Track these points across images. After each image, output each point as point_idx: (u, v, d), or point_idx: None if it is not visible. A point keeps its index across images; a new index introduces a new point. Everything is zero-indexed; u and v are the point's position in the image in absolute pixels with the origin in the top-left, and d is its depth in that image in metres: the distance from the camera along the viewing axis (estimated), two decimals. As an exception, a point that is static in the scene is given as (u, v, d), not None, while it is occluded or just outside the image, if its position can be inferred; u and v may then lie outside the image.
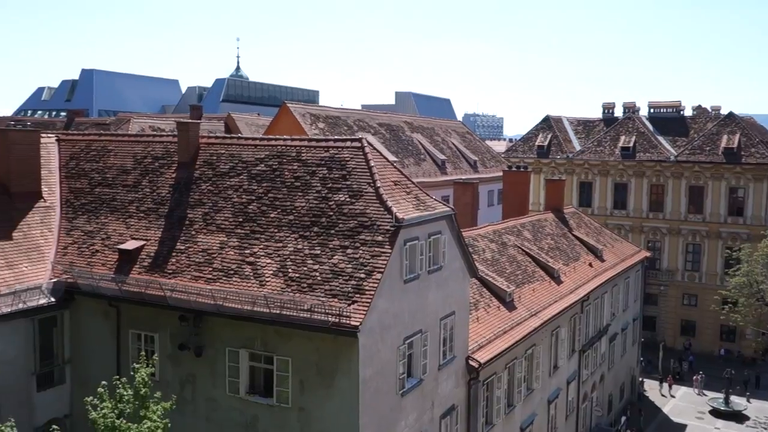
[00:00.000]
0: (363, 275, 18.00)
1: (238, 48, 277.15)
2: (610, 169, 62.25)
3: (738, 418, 44.73)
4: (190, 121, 26.66)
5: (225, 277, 19.54)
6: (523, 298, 29.24)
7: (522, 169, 44.67)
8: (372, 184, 19.91)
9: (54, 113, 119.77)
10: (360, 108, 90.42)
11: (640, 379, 49.47)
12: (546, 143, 66.23)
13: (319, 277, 18.41)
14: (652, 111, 66.39)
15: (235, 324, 18.88)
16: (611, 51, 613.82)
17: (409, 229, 19.16)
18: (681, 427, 43.53)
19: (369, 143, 21.63)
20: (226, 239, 20.59)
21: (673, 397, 48.77)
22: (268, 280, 18.95)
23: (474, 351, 23.70)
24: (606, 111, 69.40)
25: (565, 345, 32.60)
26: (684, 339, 58.80)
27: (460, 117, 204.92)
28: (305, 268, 18.75)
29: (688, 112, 65.30)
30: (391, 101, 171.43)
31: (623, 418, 42.20)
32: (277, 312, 17.98)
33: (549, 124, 68.55)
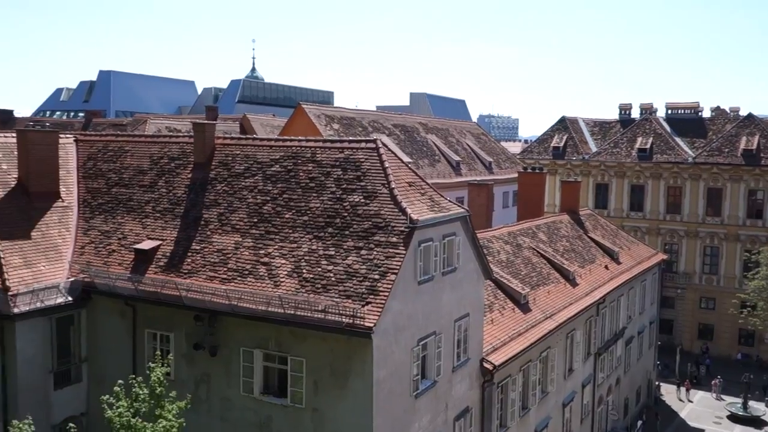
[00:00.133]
0: (377, 276, 18.00)
1: (253, 49, 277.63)
2: (626, 171, 61.81)
3: (756, 423, 44.19)
4: (206, 122, 26.78)
5: (240, 278, 19.63)
6: (538, 300, 29.10)
7: (537, 171, 44.45)
8: (386, 185, 19.90)
9: (72, 114, 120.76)
10: (375, 109, 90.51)
11: (657, 382, 49.04)
12: (562, 144, 65.87)
13: (333, 278, 18.43)
14: (669, 112, 65.78)
15: (250, 324, 18.96)
16: (628, 52, 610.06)
17: (423, 230, 19.13)
18: (698, 432, 43.14)
19: (383, 144, 21.65)
20: (241, 239, 20.68)
21: (691, 401, 48.26)
22: (282, 280, 19.00)
23: (488, 353, 23.61)
24: (623, 112, 68.89)
25: (581, 348, 32.39)
26: (701, 343, 58.21)
27: (475, 118, 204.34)
28: (319, 269, 18.79)
29: (707, 114, 64.59)
30: (406, 102, 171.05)
31: (639, 423, 41.86)
32: (292, 312, 18.03)
33: (565, 125, 68.15)
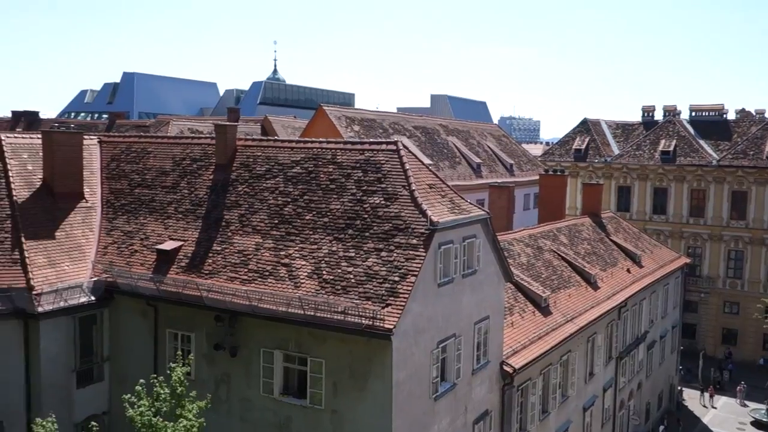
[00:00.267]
0: (397, 278, 17.98)
1: (275, 51, 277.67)
2: (649, 174, 61.18)
3: (781, 430, 43.51)
4: (228, 123, 26.98)
5: (260, 278, 19.72)
6: (559, 303, 28.89)
7: (559, 173, 44.04)
8: (407, 187, 19.89)
9: (96, 115, 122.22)
10: (395, 111, 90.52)
11: (679, 387, 48.47)
12: (583, 147, 65.39)
13: (353, 280, 18.45)
14: (693, 114, 64.97)
15: (270, 325, 19.03)
16: (652, 53, 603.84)
17: (443, 232, 19.09)
18: (721, 438, 42.56)
19: (404, 146, 21.63)
20: (261, 241, 20.78)
21: (714, 407, 47.61)
22: (302, 281, 19.06)
23: (508, 356, 23.49)
24: (646, 114, 68.15)
25: (602, 352, 32.10)
26: (725, 348, 57.43)
27: (496, 120, 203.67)
28: (340, 271, 18.81)
29: (731, 116, 63.66)
30: (427, 104, 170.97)
31: (661, 428, 41.40)
32: (312, 314, 18.07)
33: (587, 127, 67.66)
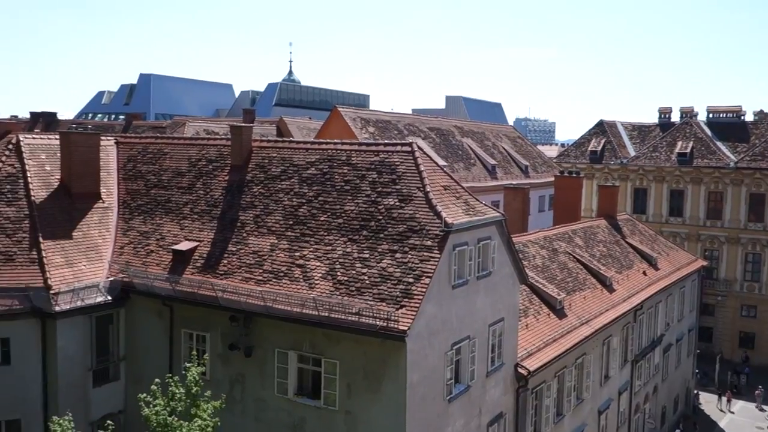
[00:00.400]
0: (411, 280, 17.98)
1: (290, 53, 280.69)
2: (665, 176, 60.67)
3: (799, 435, 42.94)
4: (243, 124, 27.08)
5: (275, 279, 19.79)
6: (574, 305, 28.73)
7: (574, 175, 43.77)
8: (421, 189, 19.88)
9: (113, 116, 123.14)
10: (410, 112, 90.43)
11: (696, 391, 48.02)
12: (599, 148, 64.96)
13: (367, 281, 18.46)
14: (710, 116, 64.32)
15: (285, 326, 19.08)
16: (668, 54, 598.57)
17: (458, 234, 19.05)
18: (738, 443, 42.09)
19: (419, 148, 21.63)
20: (276, 241, 20.85)
21: (732, 412, 47.11)
22: (317, 282, 19.10)
23: (523, 358, 23.40)
24: (662, 116, 67.58)
25: (617, 354, 31.87)
26: (742, 351, 56.79)
27: (511, 121, 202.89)
28: (354, 272, 18.83)
29: (749, 117, 62.98)
30: (442, 105, 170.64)
31: (677, 431, 41.05)
32: (326, 315, 18.10)
33: (603, 128, 67.21)
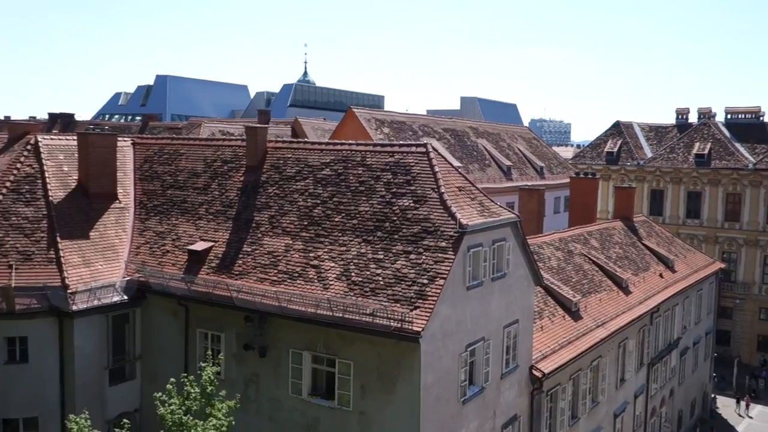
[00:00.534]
0: (426, 281, 17.94)
1: (305, 54, 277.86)
2: (683, 177, 60.13)
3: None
4: (259, 125, 27.15)
5: (289, 280, 19.83)
6: (590, 307, 28.54)
7: (590, 176, 43.49)
8: (436, 190, 19.84)
9: (130, 117, 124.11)
10: (425, 113, 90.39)
11: (713, 395, 47.51)
12: (615, 149, 64.52)
13: (381, 282, 18.45)
14: (729, 117, 63.62)
15: (299, 326, 19.12)
16: (686, 55, 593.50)
17: (473, 235, 18.99)
18: (756, 448, 41.60)
19: (434, 149, 21.59)
20: (291, 242, 20.90)
21: (750, 417, 46.56)
22: (331, 283, 19.12)
23: (538, 360, 23.27)
24: (679, 117, 66.99)
25: (633, 357, 31.61)
26: (760, 355, 56.12)
27: (526, 122, 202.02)
28: (368, 273, 18.83)
29: (768, 118, 62.39)
30: (457, 106, 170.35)
31: (694, 436, 40.63)
32: (340, 315, 18.12)
33: (619, 129, 66.75)
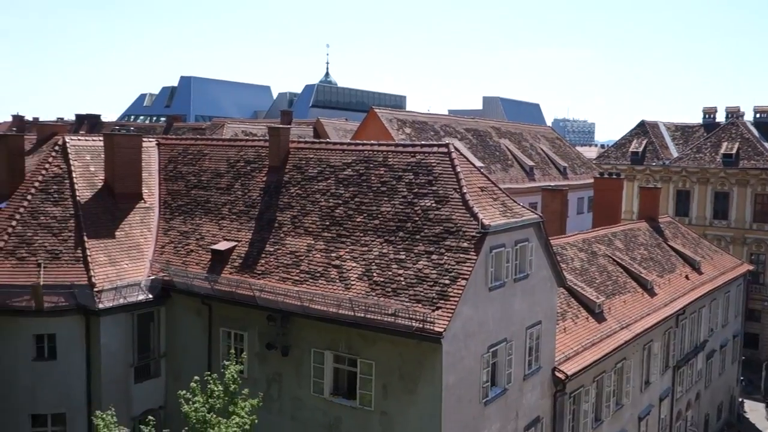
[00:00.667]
0: (448, 281, 17.90)
1: (327, 54, 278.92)
2: (710, 177, 59.26)
3: None
4: (281, 126, 27.33)
5: (311, 279, 19.91)
6: (614, 309, 28.26)
7: (614, 176, 43.06)
8: (458, 190, 19.78)
9: (154, 118, 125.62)
10: (447, 113, 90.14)
11: (740, 399, 46.75)
12: (641, 149, 63.80)
13: (403, 282, 18.44)
14: (758, 116, 62.59)
15: (321, 326, 19.19)
16: (713, 52, 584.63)
17: (495, 235, 18.91)
18: (785, 453, 40.84)
19: (456, 149, 21.53)
20: (313, 242, 20.98)
21: (778, 420, 45.77)
22: (353, 283, 19.16)
23: (561, 362, 23.11)
24: (707, 116, 66.09)
25: (658, 360, 31.23)
26: (790, 359, 55.15)
27: (549, 122, 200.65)
28: (390, 273, 18.84)
29: (799, 117, 61.20)
30: (479, 106, 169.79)
31: (720, 440, 40.03)
32: (362, 315, 18.15)
33: (644, 129, 65.99)
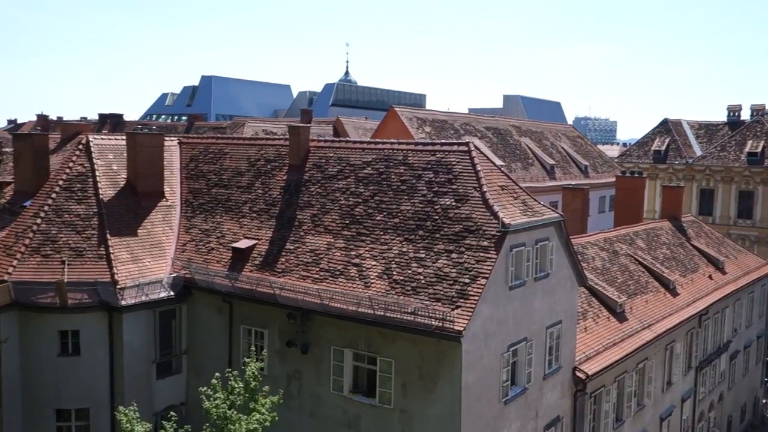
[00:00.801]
0: (467, 280, 17.87)
1: (347, 53, 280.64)
2: (734, 176, 58.46)
3: None
4: (301, 125, 27.45)
5: (331, 278, 19.99)
6: (635, 309, 28.01)
7: (636, 175, 42.63)
8: (478, 189, 19.73)
9: (176, 117, 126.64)
10: (467, 111, 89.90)
11: (764, 401, 46.12)
12: (663, 148, 63.09)
13: (423, 281, 18.44)
14: (784, 113, 61.75)
15: (340, 324, 19.26)
16: (737, 49, 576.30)
17: (515, 234, 18.84)
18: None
19: (476, 147, 21.48)
20: (333, 240, 21.06)
21: (803, 423, 45.09)
22: (372, 281, 19.20)
23: (581, 362, 22.96)
24: (731, 114, 65.16)
25: (681, 360, 30.90)
26: (816, 360, 54.27)
27: (570, 120, 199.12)
28: (410, 271, 18.84)
29: (826, 115, 60.19)
30: (499, 105, 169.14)
31: (744, 442, 39.51)
32: (381, 314, 18.18)
33: (667, 127, 65.26)
